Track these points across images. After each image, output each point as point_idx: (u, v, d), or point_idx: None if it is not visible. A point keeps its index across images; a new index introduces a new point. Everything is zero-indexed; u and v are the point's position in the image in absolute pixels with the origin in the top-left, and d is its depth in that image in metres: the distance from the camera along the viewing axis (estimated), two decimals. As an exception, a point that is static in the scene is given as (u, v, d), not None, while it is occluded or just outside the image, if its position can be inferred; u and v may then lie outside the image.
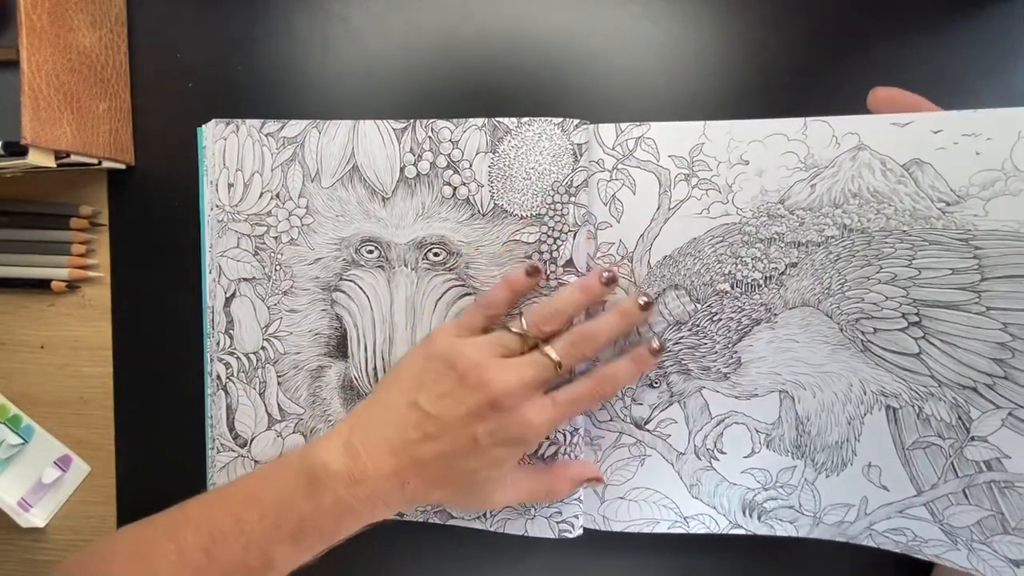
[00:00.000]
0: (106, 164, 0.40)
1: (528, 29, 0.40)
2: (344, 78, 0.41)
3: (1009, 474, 0.34)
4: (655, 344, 0.37)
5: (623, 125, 0.37)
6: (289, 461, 0.35)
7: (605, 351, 0.38)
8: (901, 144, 0.33)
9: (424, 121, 0.38)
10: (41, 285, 0.42)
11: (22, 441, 0.43)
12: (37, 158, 0.35)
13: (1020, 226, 0.31)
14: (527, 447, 0.35)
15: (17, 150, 0.34)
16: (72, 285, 0.43)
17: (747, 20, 0.38)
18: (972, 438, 0.34)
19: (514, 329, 0.36)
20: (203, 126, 0.41)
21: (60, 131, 0.35)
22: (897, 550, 0.37)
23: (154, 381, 0.43)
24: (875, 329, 0.35)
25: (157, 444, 0.44)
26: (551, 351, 0.35)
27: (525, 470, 0.38)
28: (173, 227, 0.42)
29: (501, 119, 0.38)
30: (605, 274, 0.36)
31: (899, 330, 0.35)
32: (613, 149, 0.37)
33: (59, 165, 0.37)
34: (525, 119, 0.37)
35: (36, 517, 0.43)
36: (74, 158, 0.37)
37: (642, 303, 0.36)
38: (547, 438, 0.38)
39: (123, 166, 0.42)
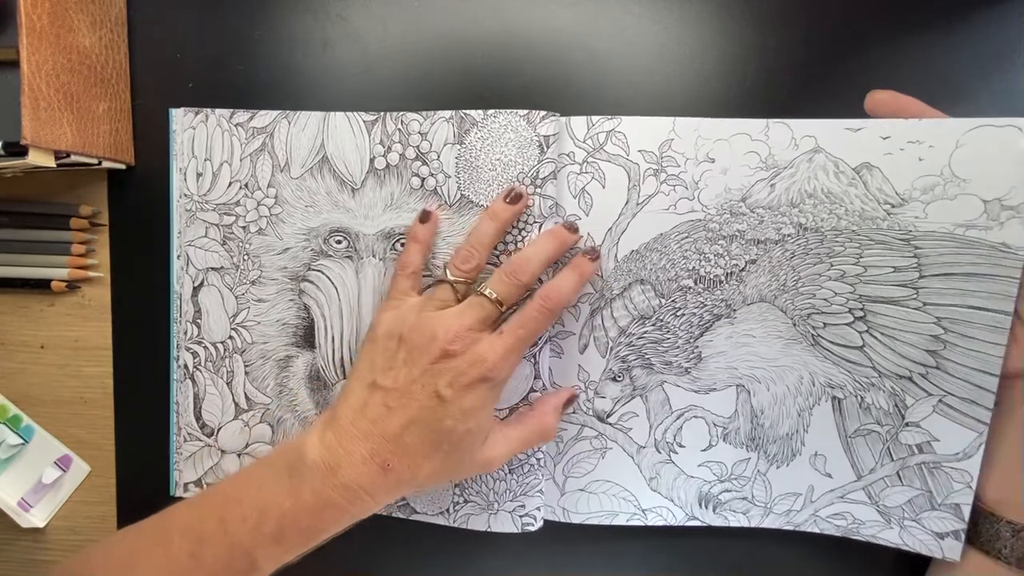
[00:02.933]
0: (106, 164, 0.40)
1: (529, 29, 0.40)
2: (344, 78, 0.41)
3: (938, 455, 0.37)
4: (592, 253, 0.36)
5: (594, 118, 0.37)
6: (271, 460, 0.34)
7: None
8: (853, 148, 0.35)
9: (394, 113, 0.38)
10: (41, 285, 0.42)
11: (22, 441, 0.43)
12: (37, 158, 0.34)
13: (955, 228, 0.34)
14: (493, 387, 0.34)
15: (17, 150, 0.34)
16: (72, 285, 0.42)
17: (747, 20, 0.39)
18: (907, 424, 0.37)
19: (440, 278, 0.36)
20: (173, 111, 0.40)
21: (60, 131, 0.35)
22: (838, 534, 0.39)
23: (154, 381, 0.43)
24: (825, 324, 0.37)
25: (157, 444, 0.43)
26: (486, 290, 0.34)
27: (509, 422, 0.37)
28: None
29: (468, 111, 0.37)
30: (509, 193, 0.36)
31: (846, 324, 0.37)
32: (584, 142, 0.37)
33: (59, 165, 0.36)
34: (491, 111, 0.37)
35: (36, 517, 0.43)
36: (74, 158, 0.37)
37: (567, 224, 0.37)
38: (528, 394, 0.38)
39: (123, 166, 0.42)
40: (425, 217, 0.37)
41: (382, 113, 0.38)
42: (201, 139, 0.40)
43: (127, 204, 0.42)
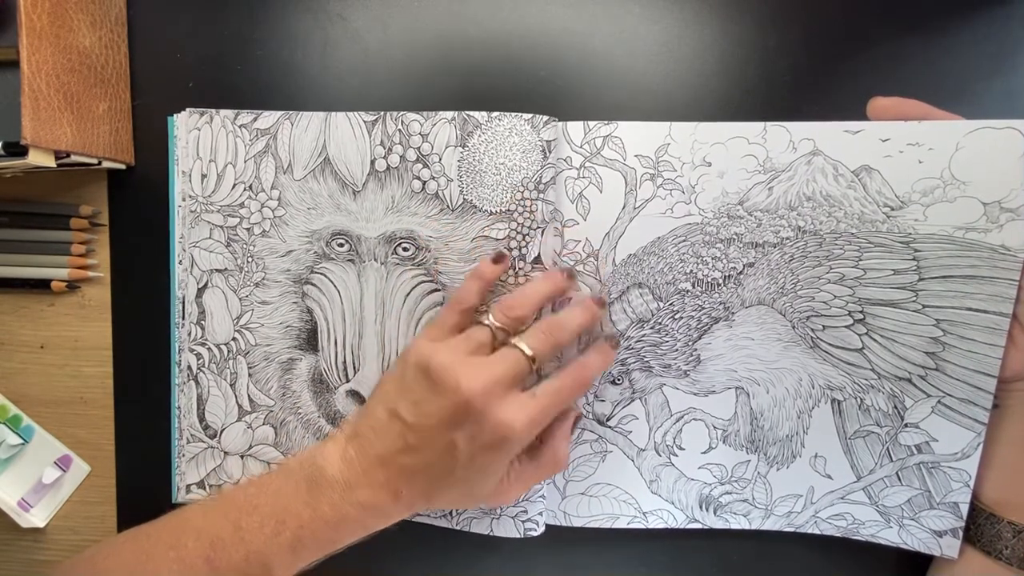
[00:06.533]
0: (106, 164, 0.40)
1: (529, 29, 0.40)
2: (344, 78, 0.41)
3: (936, 455, 0.37)
4: (613, 341, 0.37)
5: (591, 123, 0.36)
6: (289, 468, 0.35)
7: (569, 351, 0.38)
8: (852, 150, 0.35)
9: (394, 113, 0.38)
10: (41, 285, 0.42)
11: (22, 441, 0.43)
12: (37, 158, 0.34)
13: (955, 231, 0.34)
14: (510, 449, 0.33)
15: (17, 150, 0.34)
16: (72, 285, 0.42)
17: (747, 20, 0.39)
18: (906, 425, 0.37)
19: (483, 321, 0.35)
20: (175, 115, 0.40)
21: (60, 131, 0.35)
22: (838, 534, 0.39)
23: (154, 381, 0.43)
24: (824, 326, 0.37)
25: (157, 444, 0.43)
26: (521, 343, 0.33)
27: (523, 459, 0.36)
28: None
29: (471, 113, 0.37)
30: (567, 270, 0.37)
31: (845, 327, 0.37)
32: (581, 147, 0.37)
33: (59, 165, 0.36)
34: (496, 113, 0.37)
35: (36, 517, 0.43)
36: (74, 158, 0.37)
37: (598, 300, 0.37)
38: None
39: (123, 166, 0.42)
40: (499, 258, 0.36)
41: (382, 113, 0.38)
42: (206, 140, 0.40)
43: (127, 204, 0.42)
